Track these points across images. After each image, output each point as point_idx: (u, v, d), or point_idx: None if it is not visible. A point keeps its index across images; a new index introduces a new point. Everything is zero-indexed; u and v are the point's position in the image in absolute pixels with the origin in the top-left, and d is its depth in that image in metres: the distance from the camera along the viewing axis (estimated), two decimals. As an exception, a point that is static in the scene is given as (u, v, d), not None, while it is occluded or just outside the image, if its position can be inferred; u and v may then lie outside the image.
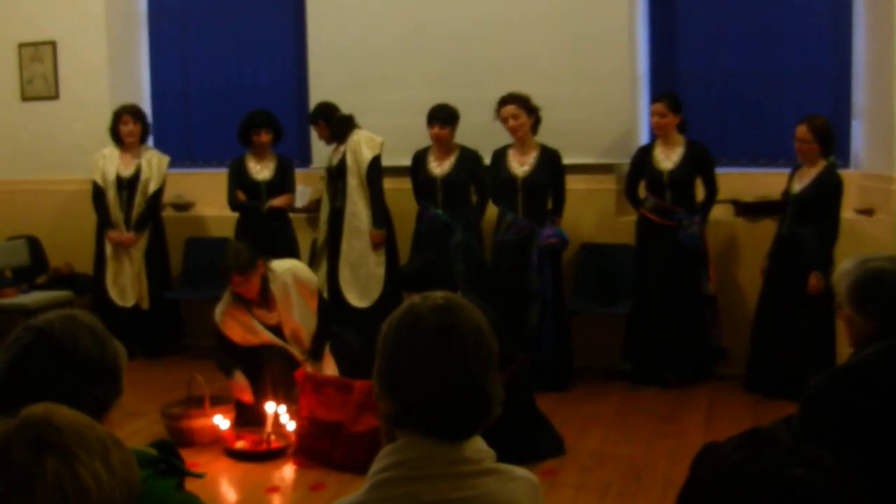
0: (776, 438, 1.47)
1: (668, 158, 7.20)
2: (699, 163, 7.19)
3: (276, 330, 6.46)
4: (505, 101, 7.15)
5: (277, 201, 7.92)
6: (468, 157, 7.47)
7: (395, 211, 7.81)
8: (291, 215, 8.16)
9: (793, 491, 1.39)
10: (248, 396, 6.35)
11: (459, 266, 7.20)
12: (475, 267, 7.33)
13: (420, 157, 7.59)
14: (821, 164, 6.71)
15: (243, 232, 7.83)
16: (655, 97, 7.37)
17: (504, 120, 7.17)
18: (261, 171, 7.97)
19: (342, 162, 7.62)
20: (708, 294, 7.23)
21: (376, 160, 7.55)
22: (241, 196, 7.95)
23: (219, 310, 6.46)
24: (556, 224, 7.24)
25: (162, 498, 2.08)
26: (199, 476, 2.34)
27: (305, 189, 8.41)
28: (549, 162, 7.22)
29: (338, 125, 7.70)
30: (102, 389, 2.25)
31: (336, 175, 7.69)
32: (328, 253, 7.77)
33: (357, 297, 7.63)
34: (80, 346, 2.23)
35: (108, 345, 2.30)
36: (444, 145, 7.46)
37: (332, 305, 7.21)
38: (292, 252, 7.70)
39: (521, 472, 2.15)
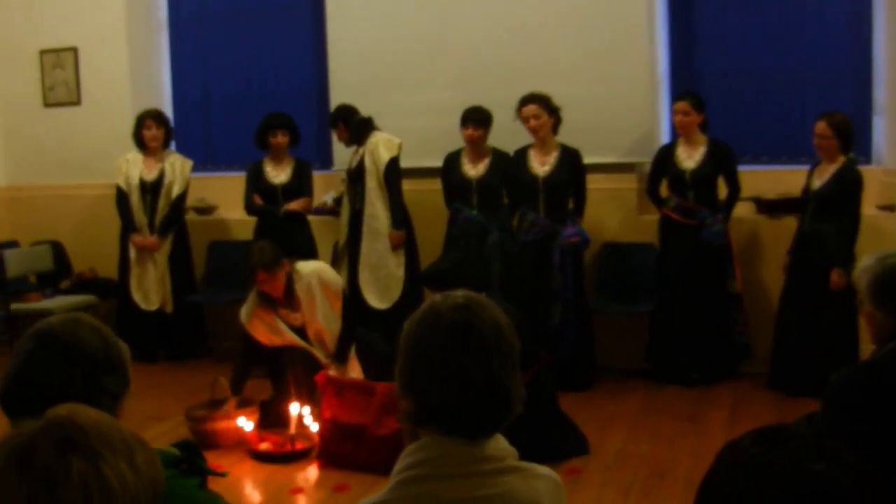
0: (796, 433, 1.47)
1: (690, 157, 7.18)
2: (721, 161, 7.16)
3: (301, 332, 6.49)
4: (526, 100, 7.16)
5: (294, 205, 7.92)
6: (501, 159, 7.46)
7: (416, 212, 7.81)
8: (310, 218, 8.17)
9: (813, 485, 1.39)
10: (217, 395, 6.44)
11: (494, 266, 7.21)
12: (509, 267, 7.32)
13: (453, 160, 7.57)
14: (840, 160, 6.68)
15: (262, 236, 7.80)
16: (678, 95, 7.34)
17: (525, 120, 7.17)
18: (278, 174, 7.98)
19: (361, 164, 7.63)
20: (733, 292, 7.21)
21: (394, 161, 7.55)
22: (258, 200, 7.97)
23: (245, 310, 6.51)
24: (578, 223, 7.24)
25: (186, 497, 2.09)
26: (221, 475, 2.36)
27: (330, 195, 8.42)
28: (570, 161, 7.23)
29: (356, 127, 7.70)
30: (112, 380, 2.30)
31: (355, 177, 7.70)
32: (348, 255, 7.78)
33: (377, 299, 7.63)
34: (82, 341, 2.28)
35: (110, 339, 2.35)
36: (477, 147, 7.45)
37: (355, 308, 7.22)
38: (311, 255, 7.70)
39: (543, 470, 2.14)
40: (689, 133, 7.19)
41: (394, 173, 7.57)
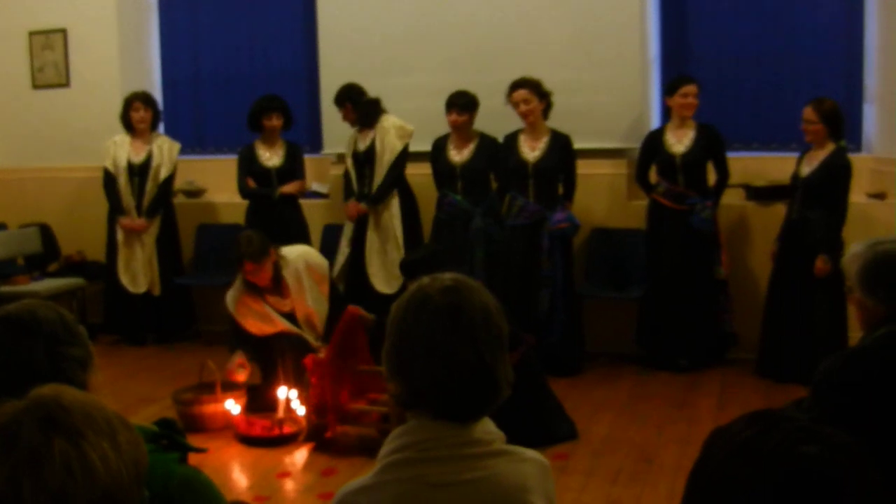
0: (787, 415, 1.46)
1: (679, 142, 7.17)
2: (711, 146, 7.15)
3: (290, 317, 6.47)
4: (516, 85, 7.13)
5: (288, 188, 7.90)
6: (488, 145, 7.42)
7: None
8: (302, 201, 8.14)
9: (805, 468, 1.38)
10: (238, 376, 6.33)
11: (478, 252, 7.19)
12: (493, 253, 7.29)
13: (439, 145, 7.54)
14: (829, 147, 6.68)
15: (253, 219, 7.82)
16: (687, 79, 7.20)
17: (515, 104, 7.15)
18: (271, 157, 7.96)
19: (371, 148, 7.58)
20: (719, 279, 7.21)
21: (404, 150, 7.52)
22: (252, 183, 7.93)
23: (230, 298, 6.45)
24: (567, 209, 7.23)
25: (164, 472, 2.09)
26: (201, 451, 2.36)
27: (322, 185, 8.37)
28: (561, 146, 7.21)
29: (366, 109, 7.60)
30: (74, 350, 2.36)
31: (364, 161, 7.64)
32: (354, 239, 7.71)
33: (384, 284, 7.54)
34: (40, 317, 2.34)
35: (65, 314, 2.41)
36: (462, 132, 7.41)
37: (348, 291, 7.18)
38: (303, 238, 7.70)
39: (531, 453, 2.14)
40: (689, 117, 7.17)
41: (401, 160, 7.53)
